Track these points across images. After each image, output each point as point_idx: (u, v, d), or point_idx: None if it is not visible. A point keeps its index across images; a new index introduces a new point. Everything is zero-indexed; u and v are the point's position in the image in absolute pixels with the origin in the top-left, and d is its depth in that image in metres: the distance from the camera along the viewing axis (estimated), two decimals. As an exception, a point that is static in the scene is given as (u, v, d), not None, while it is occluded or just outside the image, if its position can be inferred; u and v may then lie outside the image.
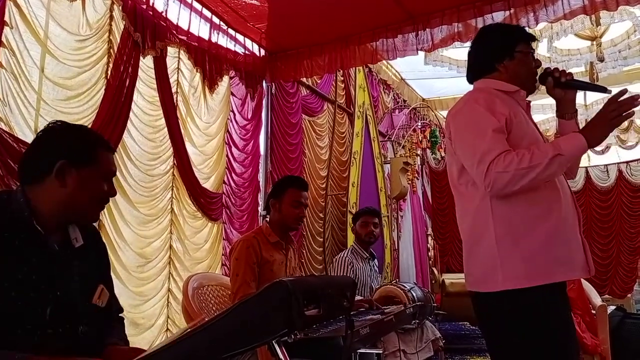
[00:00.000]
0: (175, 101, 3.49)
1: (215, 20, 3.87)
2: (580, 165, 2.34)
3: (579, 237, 1.74)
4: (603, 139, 1.66)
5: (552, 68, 1.85)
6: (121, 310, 1.57)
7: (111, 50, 3.00)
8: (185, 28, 3.57)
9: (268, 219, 2.69)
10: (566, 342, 1.67)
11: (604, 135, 1.64)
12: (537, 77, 1.86)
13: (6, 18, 2.42)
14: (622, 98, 1.62)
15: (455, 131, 1.78)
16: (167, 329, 3.31)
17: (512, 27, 1.96)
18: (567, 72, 1.84)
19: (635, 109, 1.66)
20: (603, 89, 1.83)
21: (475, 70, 1.93)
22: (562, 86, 1.83)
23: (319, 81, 5.26)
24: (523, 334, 1.66)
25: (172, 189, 3.46)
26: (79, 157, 1.32)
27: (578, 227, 1.75)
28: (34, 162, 1.32)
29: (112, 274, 2.92)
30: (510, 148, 1.62)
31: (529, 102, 1.91)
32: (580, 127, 1.78)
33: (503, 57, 1.83)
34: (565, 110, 1.89)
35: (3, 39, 2.40)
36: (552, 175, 1.64)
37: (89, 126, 2.78)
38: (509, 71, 1.83)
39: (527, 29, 1.97)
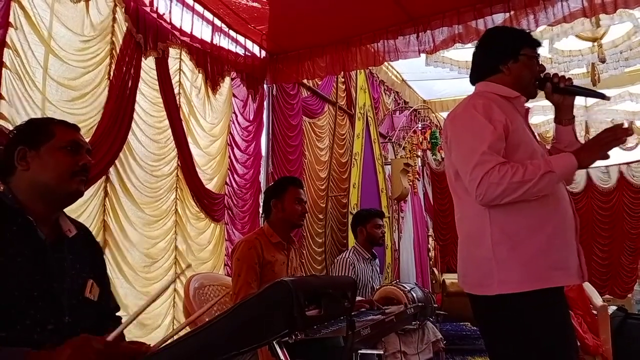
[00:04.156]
0: (177, 102, 3.50)
1: (217, 22, 3.88)
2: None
3: (575, 243, 1.74)
4: (593, 161, 1.70)
5: (551, 73, 1.85)
6: (118, 308, 1.57)
7: (114, 52, 3.01)
8: (187, 30, 3.57)
9: (268, 220, 2.70)
10: (564, 346, 1.68)
11: (595, 158, 1.68)
12: (537, 82, 1.85)
13: (10, 19, 2.43)
14: (616, 129, 1.68)
15: (452, 136, 1.79)
16: (174, 330, 3.31)
17: (518, 31, 1.95)
18: (567, 77, 1.84)
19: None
20: (602, 96, 1.84)
21: (478, 71, 1.92)
22: (561, 92, 1.84)
23: (319, 83, 5.27)
24: (520, 337, 1.67)
25: (176, 190, 3.47)
26: (34, 138, 1.36)
27: (575, 234, 1.76)
28: (2, 158, 1.37)
29: (119, 274, 2.95)
30: (506, 160, 1.64)
31: (528, 108, 1.90)
32: (576, 131, 1.81)
33: (507, 59, 1.82)
34: (563, 116, 1.89)
35: (7, 39, 2.41)
36: (542, 191, 1.65)
37: (95, 127, 2.81)
38: (512, 73, 1.82)
39: (532, 34, 1.97)
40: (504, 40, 1.87)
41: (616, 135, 1.67)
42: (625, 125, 1.72)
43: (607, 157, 1.70)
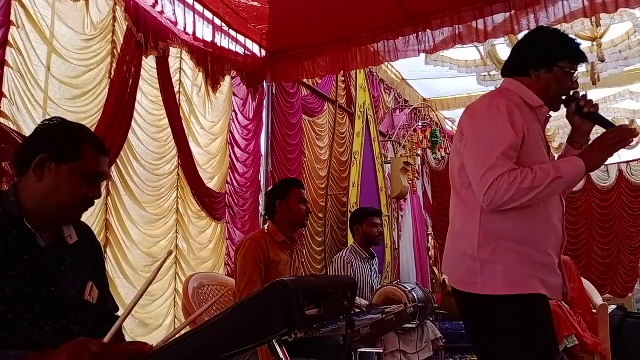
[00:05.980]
0: (178, 101, 3.51)
1: (217, 21, 3.88)
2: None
3: (557, 260, 1.74)
4: (601, 164, 1.69)
5: (580, 94, 1.80)
6: (117, 309, 1.56)
7: (115, 50, 3.01)
8: (187, 29, 3.58)
9: (273, 220, 2.72)
10: (547, 347, 1.69)
11: (603, 161, 1.67)
12: (563, 98, 1.81)
13: (12, 18, 2.44)
14: (622, 129, 1.68)
15: (470, 133, 1.75)
16: (175, 329, 3.32)
17: (566, 41, 1.82)
18: (594, 104, 1.79)
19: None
20: None
21: (511, 66, 1.87)
22: (583, 116, 1.80)
23: (319, 81, 5.27)
24: (503, 336, 1.70)
25: (177, 189, 3.48)
26: (61, 152, 1.28)
27: (560, 250, 1.76)
28: (20, 155, 1.32)
29: (120, 273, 2.95)
30: (517, 166, 1.62)
31: (549, 117, 1.86)
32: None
33: (541, 67, 1.76)
34: (577, 139, 1.86)
35: (10, 38, 2.42)
36: (550, 196, 1.66)
37: (95, 126, 2.81)
38: (541, 82, 1.77)
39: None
40: (545, 46, 1.79)
41: (622, 136, 1.65)
42: (628, 124, 1.71)
43: (611, 156, 1.69)
